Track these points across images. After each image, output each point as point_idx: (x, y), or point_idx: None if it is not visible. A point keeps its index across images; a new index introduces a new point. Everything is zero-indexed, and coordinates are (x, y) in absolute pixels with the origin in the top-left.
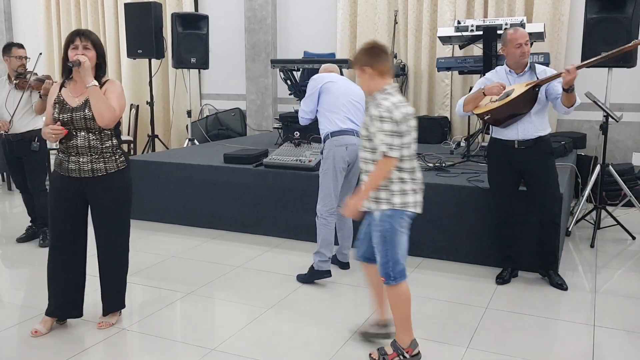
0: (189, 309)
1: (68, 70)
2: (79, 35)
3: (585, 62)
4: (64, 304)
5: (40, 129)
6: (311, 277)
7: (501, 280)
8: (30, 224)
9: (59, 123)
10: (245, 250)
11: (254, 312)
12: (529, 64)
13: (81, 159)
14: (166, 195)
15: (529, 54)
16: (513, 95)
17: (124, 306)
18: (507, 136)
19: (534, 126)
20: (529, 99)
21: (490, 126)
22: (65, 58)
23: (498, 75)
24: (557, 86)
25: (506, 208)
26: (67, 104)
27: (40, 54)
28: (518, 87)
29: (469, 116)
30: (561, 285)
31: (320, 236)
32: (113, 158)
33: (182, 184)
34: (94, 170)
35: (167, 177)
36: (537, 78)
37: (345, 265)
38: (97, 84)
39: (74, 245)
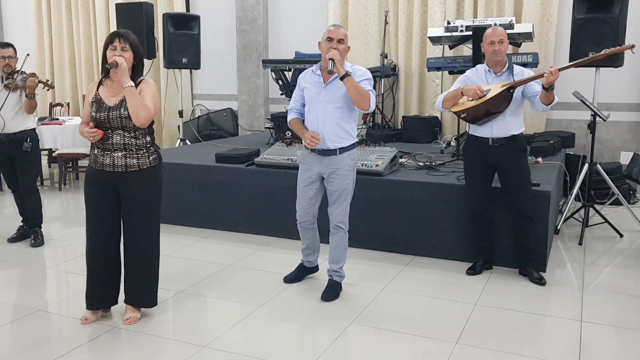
0: (180, 307)
1: (106, 70)
2: (118, 36)
3: (567, 64)
4: (101, 295)
5: (33, 129)
6: (338, 292)
7: (472, 271)
8: (21, 224)
9: (91, 125)
10: (237, 249)
11: (245, 310)
12: (507, 65)
13: (115, 155)
14: None
15: (502, 53)
16: (488, 96)
17: (155, 303)
18: (482, 134)
19: (508, 125)
20: (503, 99)
21: (467, 123)
22: (104, 58)
23: (478, 73)
24: (534, 85)
25: (480, 202)
26: (104, 103)
27: (28, 54)
28: (494, 87)
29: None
30: (540, 280)
31: (346, 249)
32: (146, 154)
33: (173, 184)
34: (127, 165)
35: None
36: (514, 79)
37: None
38: (133, 84)
39: (108, 239)
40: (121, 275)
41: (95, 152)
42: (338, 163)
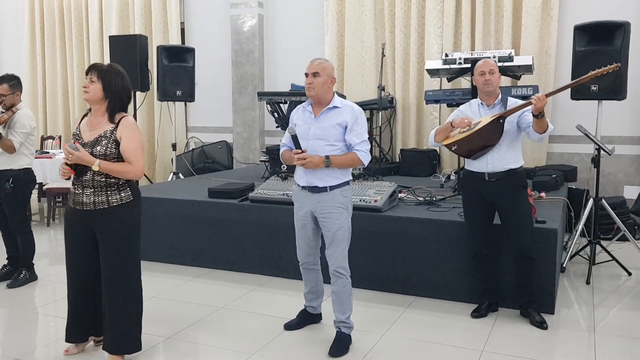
0: (169, 354)
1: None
2: (91, 68)
3: (555, 90)
4: (82, 331)
5: (22, 169)
6: (348, 346)
7: (477, 314)
8: (5, 263)
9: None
10: (230, 289)
11: (238, 358)
12: (500, 97)
13: (85, 192)
14: (148, 232)
15: (493, 83)
16: (478, 127)
17: (139, 349)
18: (478, 168)
19: (503, 158)
20: (493, 130)
21: (465, 158)
22: None
23: (471, 107)
24: (528, 116)
25: (481, 241)
26: (80, 137)
27: None
28: (485, 119)
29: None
30: (541, 324)
31: (351, 296)
32: (116, 191)
33: (164, 220)
34: (95, 202)
35: (149, 213)
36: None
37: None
38: (97, 162)
39: (87, 279)
40: (100, 315)
41: (72, 188)
42: (328, 200)
